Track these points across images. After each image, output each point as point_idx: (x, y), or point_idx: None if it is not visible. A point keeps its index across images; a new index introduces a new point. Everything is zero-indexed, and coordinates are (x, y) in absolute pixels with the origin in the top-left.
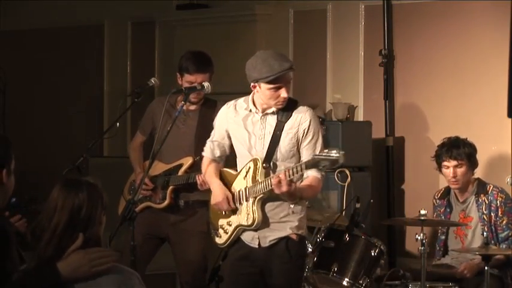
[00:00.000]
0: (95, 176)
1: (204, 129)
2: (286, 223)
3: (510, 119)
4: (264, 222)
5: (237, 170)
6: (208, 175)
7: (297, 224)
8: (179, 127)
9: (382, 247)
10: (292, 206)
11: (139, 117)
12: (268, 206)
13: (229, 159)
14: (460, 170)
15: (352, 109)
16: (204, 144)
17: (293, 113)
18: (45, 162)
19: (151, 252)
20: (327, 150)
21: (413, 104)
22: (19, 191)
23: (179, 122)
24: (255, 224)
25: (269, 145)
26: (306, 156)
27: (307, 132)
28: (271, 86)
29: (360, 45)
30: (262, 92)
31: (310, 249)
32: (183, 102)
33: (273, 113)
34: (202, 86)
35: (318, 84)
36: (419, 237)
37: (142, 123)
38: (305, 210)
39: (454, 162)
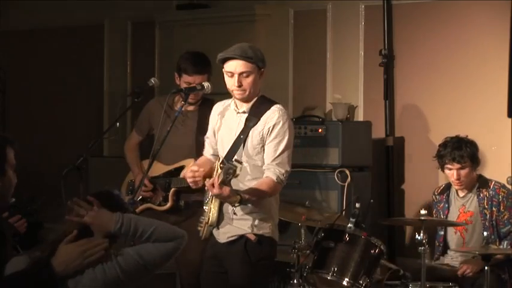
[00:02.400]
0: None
1: (204, 129)
2: (246, 221)
3: (510, 119)
4: (223, 220)
5: None
6: None
7: (256, 222)
8: (178, 128)
9: (382, 247)
10: (233, 208)
11: None
12: None
13: None
14: (464, 172)
15: (352, 109)
16: (204, 144)
17: (265, 112)
18: (45, 162)
19: None
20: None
21: (413, 104)
22: (19, 191)
23: (178, 123)
24: (209, 222)
25: (232, 143)
26: (266, 154)
27: (271, 130)
28: (225, 69)
29: (360, 45)
30: (225, 77)
31: (309, 249)
32: (182, 102)
33: (244, 112)
34: (203, 86)
35: (318, 84)
36: (419, 237)
37: (138, 123)
38: (273, 209)
39: (457, 165)
